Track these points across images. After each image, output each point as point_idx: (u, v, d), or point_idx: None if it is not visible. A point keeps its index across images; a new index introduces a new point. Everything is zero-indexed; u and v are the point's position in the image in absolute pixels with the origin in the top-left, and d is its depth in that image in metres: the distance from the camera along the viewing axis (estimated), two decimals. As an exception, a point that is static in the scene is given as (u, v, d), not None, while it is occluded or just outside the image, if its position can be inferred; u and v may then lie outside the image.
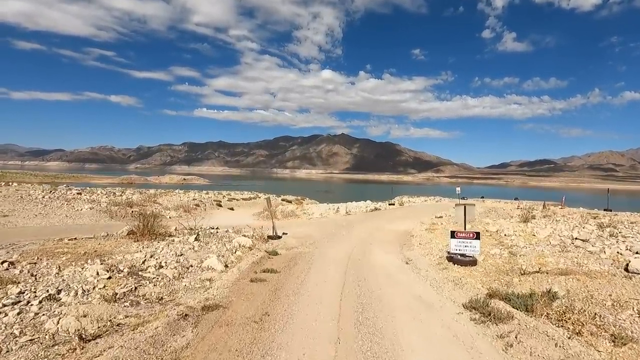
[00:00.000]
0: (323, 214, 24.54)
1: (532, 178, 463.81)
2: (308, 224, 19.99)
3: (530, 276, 7.64)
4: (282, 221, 22.97)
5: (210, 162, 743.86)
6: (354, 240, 14.05)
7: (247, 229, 14.92)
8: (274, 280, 7.72)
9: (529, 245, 11.00)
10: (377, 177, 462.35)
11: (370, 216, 21.89)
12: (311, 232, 16.48)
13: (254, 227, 15.04)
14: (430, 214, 21.94)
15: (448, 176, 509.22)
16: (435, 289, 7.38)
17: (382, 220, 19.74)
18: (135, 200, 29.49)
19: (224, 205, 36.35)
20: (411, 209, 24.87)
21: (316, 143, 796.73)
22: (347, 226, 17.97)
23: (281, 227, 18.19)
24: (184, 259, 9.00)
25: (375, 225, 17.96)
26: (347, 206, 28.00)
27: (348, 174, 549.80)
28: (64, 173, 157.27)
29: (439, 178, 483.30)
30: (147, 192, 37.58)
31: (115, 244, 10.44)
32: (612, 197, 25.68)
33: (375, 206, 26.64)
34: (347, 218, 21.66)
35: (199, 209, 29.08)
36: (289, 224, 20.94)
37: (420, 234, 14.89)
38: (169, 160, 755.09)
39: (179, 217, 22.64)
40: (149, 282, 6.77)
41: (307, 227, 18.08)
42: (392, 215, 22.14)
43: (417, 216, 20.69)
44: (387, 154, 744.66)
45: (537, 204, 29.78)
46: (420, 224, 17.46)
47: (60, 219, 16.47)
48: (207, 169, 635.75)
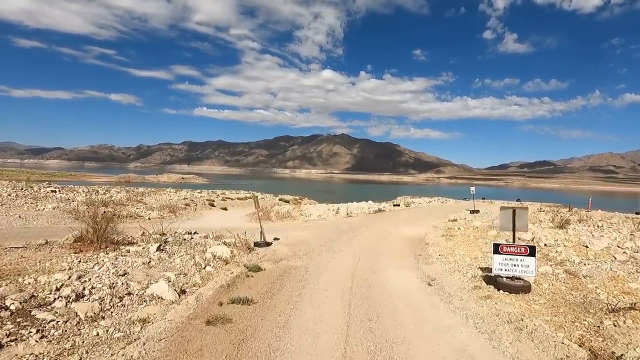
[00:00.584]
0: (322, 215, 22.03)
1: (533, 179, 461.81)
2: (304, 227, 17.45)
3: (627, 315, 5.07)
4: (276, 223, 20.48)
5: (210, 162, 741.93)
6: (358, 248, 11.48)
7: (231, 234, 12.35)
8: (244, 321, 5.14)
9: (587, 260, 8.43)
10: (377, 177, 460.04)
11: (374, 218, 19.35)
12: (307, 237, 13.94)
13: (242, 231, 12.51)
14: (441, 216, 19.43)
15: (448, 177, 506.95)
16: (488, 339, 4.80)
17: (388, 224, 17.18)
18: (118, 199, 26.95)
19: (217, 205, 34.12)
20: (418, 211, 22.35)
21: (316, 143, 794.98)
22: (349, 230, 15.41)
23: (274, 230, 15.75)
24: (125, 281, 6.44)
25: (381, 230, 15.41)
26: (348, 207, 25.44)
27: (348, 174, 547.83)
28: (62, 171, 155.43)
29: (440, 179, 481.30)
30: (134, 191, 35.09)
31: (44, 256, 7.87)
32: (619, 199, 23.06)
33: (379, 207, 24.11)
34: (348, 220, 19.11)
35: (188, 209, 26.65)
36: (284, 226, 18.45)
37: (437, 241, 12.33)
38: (169, 160, 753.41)
39: (160, 219, 20.04)
40: (37, 331, 4.19)
41: (303, 231, 15.55)
42: (398, 217, 19.60)
43: (426, 219, 18.18)
44: (387, 154, 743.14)
45: (550, 206, 27.24)
46: (433, 229, 14.92)
47: (8, 221, 13.90)
48: (207, 168, 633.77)
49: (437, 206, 26.01)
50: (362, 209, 24.21)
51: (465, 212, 20.44)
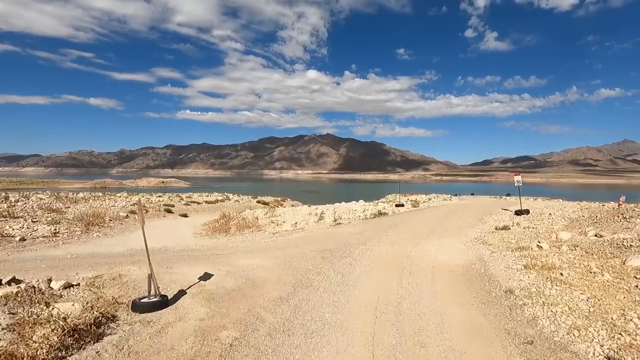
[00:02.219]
0: (299, 223, 15.65)
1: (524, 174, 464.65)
2: (267, 246, 11.06)
3: None
4: (229, 239, 14.06)
5: (194, 165, 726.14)
6: (362, 311, 5.17)
7: (82, 289, 5.88)
8: None
9: None
10: (364, 176, 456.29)
11: (376, 228, 13.08)
12: (261, 272, 7.62)
13: (172, 254, 6.07)
14: (474, 220, 13.28)
15: (434, 174, 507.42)
16: None
17: (401, 237, 10.90)
18: (33, 205, 20.57)
19: (176, 211, 27.73)
20: (433, 213, 16.03)
21: (303, 143, 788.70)
22: (339, 253, 9.12)
23: (213, 255, 9.53)
24: None
25: (393, 252, 9.13)
26: (335, 210, 19.13)
27: (337, 173, 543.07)
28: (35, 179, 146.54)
29: (426, 176, 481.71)
30: (68, 196, 28.18)
31: None
32: (604, 191, 17.46)
33: (378, 209, 17.88)
34: (336, 232, 12.79)
35: (129, 219, 20.13)
36: (237, 245, 12.08)
37: (524, 283, 6.02)
38: (153, 164, 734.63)
39: (51, 237, 13.59)
40: None
41: (261, 257, 9.20)
42: (410, 224, 13.35)
43: (455, 226, 12.07)
44: (373, 153, 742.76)
45: (580, 203, 21.63)
46: (484, 247, 8.75)
47: None
48: (192, 172, 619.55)
49: (455, 205, 19.70)
50: (355, 212, 17.90)
51: (505, 212, 14.41)
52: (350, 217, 16.45)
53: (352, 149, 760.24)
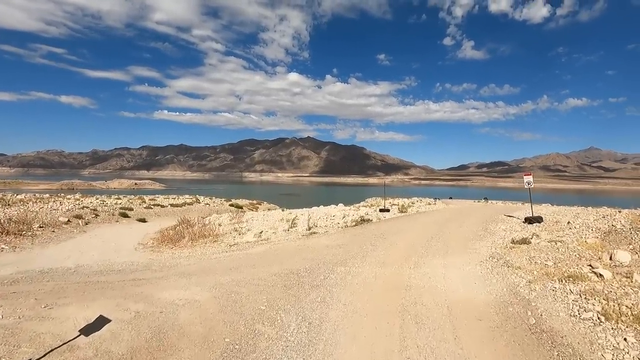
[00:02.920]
0: (266, 232, 12.85)
1: (492, 179, 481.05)
2: (211, 267, 8.23)
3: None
4: (175, 252, 11.21)
5: (171, 167, 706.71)
6: None
7: None
8: None
9: None
10: (346, 179, 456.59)
11: (358, 239, 10.45)
12: (177, 325, 4.78)
13: None
14: (477, 229, 10.89)
15: (413, 178, 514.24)
16: None
17: (393, 256, 8.28)
18: None
19: (134, 215, 24.52)
20: (425, 220, 13.35)
21: (284, 146, 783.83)
22: (306, 284, 6.45)
23: (145, 272, 6.90)
24: None
25: (386, 280, 6.49)
26: (311, 215, 16.43)
27: (318, 177, 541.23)
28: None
29: (406, 180, 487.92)
30: (4, 198, 24.35)
31: None
32: (582, 196, 15.71)
33: (360, 215, 15.28)
34: (308, 245, 10.07)
35: (70, 225, 17.15)
36: (176, 263, 9.24)
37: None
38: (128, 165, 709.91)
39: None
40: None
41: (193, 289, 6.42)
42: (401, 235, 10.73)
43: (459, 239, 9.62)
44: (354, 157, 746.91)
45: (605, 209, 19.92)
46: (514, 272, 6.25)
47: None
48: (169, 174, 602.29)
49: (447, 211, 17.09)
50: (333, 218, 15.25)
51: (511, 220, 12.07)
52: (328, 225, 13.79)
53: (332, 152, 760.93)
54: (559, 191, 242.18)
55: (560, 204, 31.26)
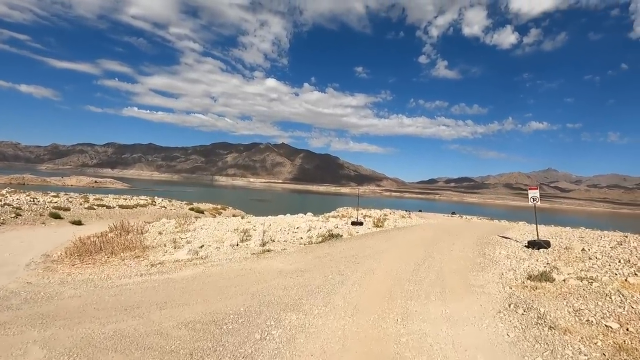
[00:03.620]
0: (206, 248, 10.05)
1: (460, 194, 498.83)
2: (100, 305, 5.37)
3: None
4: (74, 273, 8.14)
5: (138, 166, 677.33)
6: None
7: None
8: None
9: None
10: (318, 188, 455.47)
11: (322, 263, 7.90)
12: None
13: None
14: (474, 254, 8.65)
15: (384, 189, 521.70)
16: None
17: (369, 295, 5.83)
18: None
19: (70, 217, 21.20)
20: (408, 240, 10.74)
21: (258, 152, 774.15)
22: (228, 352, 3.78)
23: None
24: None
25: (361, 348, 3.98)
26: (270, 226, 13.76)
27: (291, 184, 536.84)
28: None
29: (379, 192, 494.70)
30: None
31: None
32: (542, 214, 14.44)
33: (329, 229, 12.76)
34: (254, 270, 7.42)
35: None
36: (56, 291, 6.19)
37: None
38: (91, 162, 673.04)
39: None
40: None
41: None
42: (380, 264, 8.14)
43: (452, 269, 7.32)
44: (328, 166, 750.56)
45: None
46: (566, 343, 3.95)
47: None
48: (135, 173, 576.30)
49: (428, 228, 14.31)
50: (296, 231, 12.67)
51: (508, 242, 9.93)
52: (289, 240, 11.17)
53: (307, 160, 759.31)
54: (521, 208, 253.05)
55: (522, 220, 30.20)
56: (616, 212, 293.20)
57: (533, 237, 10.12)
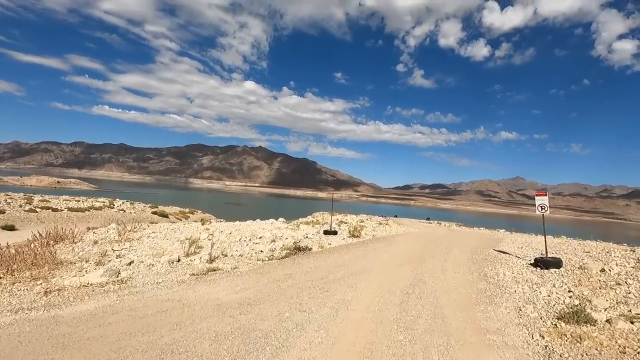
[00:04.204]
0: (135, 265, 7.83)
1: (438, 200, 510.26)
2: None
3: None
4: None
5: (108, 167, 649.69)
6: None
7: None
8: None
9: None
10: (295, 192, 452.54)
11: (280, 292, 5.96)
12: None
13: None
14: (474, 278, 6.93)
15: (361, 194, 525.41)
16: None
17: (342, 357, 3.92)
18: None
19: (2, 220, 18.86)
20: (390, 255, 8.88)
21: (234, 154, 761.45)
22: None
23: None
24: None
25: None
26: (232, 234, 11.66)
27: (268, 187, 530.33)
28: None
29: (356, 196, 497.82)
30: None
31: None
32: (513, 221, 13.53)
33: (296, 240, 10.77)
34: (185, 302, 5.33)
35: None
36: None
37: None
38: (56, 162, 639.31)
39: None
40: None
41: None
42: (359, 288, 6.28)
43: (453, 301, 5.57)
44: (305, 170, 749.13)
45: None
46: None
47: None
48: (104, 174, 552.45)
49: (413, 238, 12.14)
50: (257, 242, 10.61)
51: (509, 259, 8.24)
52: (245, 254, 9.09)
53: (284, 164, 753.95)
54: (491, 215, 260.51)
55: (496, 227, 29.18)
56: (579, 219, 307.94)
57: (537, 253, 8.54)
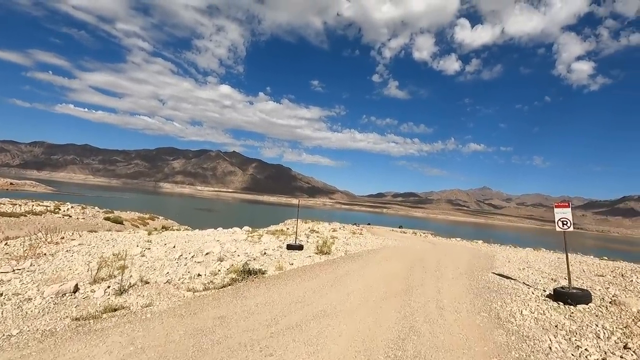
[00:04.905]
0: (17, 297, 5.41)
1: (410, 209, 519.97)
2: None
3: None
4: None
5: (70, 169, 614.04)
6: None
7: None
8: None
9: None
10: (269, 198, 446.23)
11: (205, 353, 3.90)
12: None
13: None
14: (480, 317, 5.15)
15: (335, 202, 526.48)
16: None
17: None
18: None
19: None
20: (363, 281, 6.96)
21: (208, 159, 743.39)
22: None
23: None
24: None
25: None
26: (176, 248, 9.31)
27: (242, 193, 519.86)
28: None
29: (331, 204, 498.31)
30: None
31: None
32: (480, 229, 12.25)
33: (250, 259, 8.60)
34: None
35: None
36: None
37: None
38: (13, 162, 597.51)
39: None
40: None
41: None
42: (322, 351, 4.50)
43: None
44: (280, 176, 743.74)
45: None
46: None
47: None
48: (65, 176, 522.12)
49: (393, 255, 9.85)
50: (201, 261, 8.36)
51: (517, 287, 6.42)
52: (175, 279, 6.76)
53: (259, 170, 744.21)
54: (461, 223, 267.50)
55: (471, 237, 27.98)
56: (542, 229, 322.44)
57: (545, 277, 6.81)
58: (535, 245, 26.22)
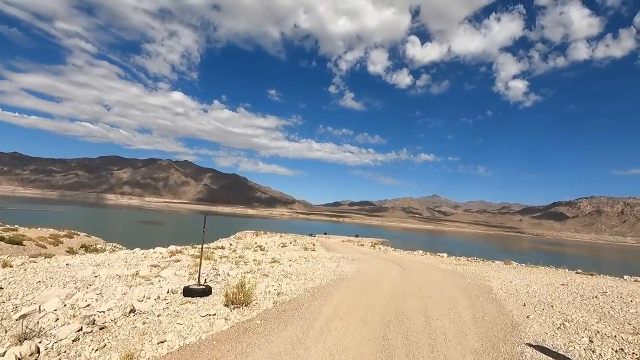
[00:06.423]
0: None
1: (366, 217, 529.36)
2: None
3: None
4: None
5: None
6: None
7: None
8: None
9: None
10: (223, 209, 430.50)
11: None
12: None
13: None
14: None
15: (292, 212, 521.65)
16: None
17: None
18: None
19: None
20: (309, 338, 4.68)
21: (158, 168, 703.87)
22: None
23: None
24: None
25: None
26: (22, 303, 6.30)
27: (196, 204, 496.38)
28: None
29: (288, 214, 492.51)
30: None
31: None
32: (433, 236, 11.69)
33: (66, 347, 5.69)
34: None
35: None
36: None
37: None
38: None
39: None
40: None
41: None
42: None
43: None
44: (236, 186, 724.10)
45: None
46: None
47: None
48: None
49: (355, 288, 7.81)
50: (62, 316, 5.57)
51: (534, 353, 4.25)
52: None
53: (214, 180, 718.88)
54: (415, 230, 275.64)
55: (428, 246, 26.47)
56: (488, 234, 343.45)
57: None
58: (499, 256, 25.20)
